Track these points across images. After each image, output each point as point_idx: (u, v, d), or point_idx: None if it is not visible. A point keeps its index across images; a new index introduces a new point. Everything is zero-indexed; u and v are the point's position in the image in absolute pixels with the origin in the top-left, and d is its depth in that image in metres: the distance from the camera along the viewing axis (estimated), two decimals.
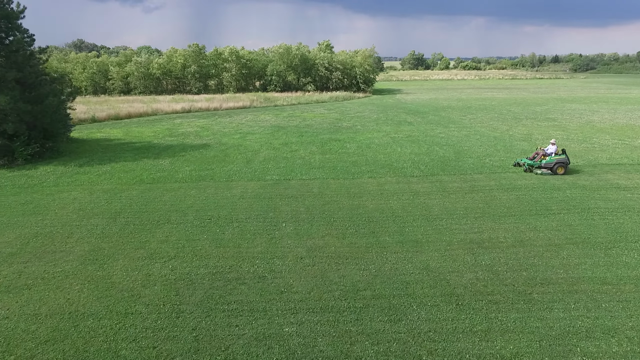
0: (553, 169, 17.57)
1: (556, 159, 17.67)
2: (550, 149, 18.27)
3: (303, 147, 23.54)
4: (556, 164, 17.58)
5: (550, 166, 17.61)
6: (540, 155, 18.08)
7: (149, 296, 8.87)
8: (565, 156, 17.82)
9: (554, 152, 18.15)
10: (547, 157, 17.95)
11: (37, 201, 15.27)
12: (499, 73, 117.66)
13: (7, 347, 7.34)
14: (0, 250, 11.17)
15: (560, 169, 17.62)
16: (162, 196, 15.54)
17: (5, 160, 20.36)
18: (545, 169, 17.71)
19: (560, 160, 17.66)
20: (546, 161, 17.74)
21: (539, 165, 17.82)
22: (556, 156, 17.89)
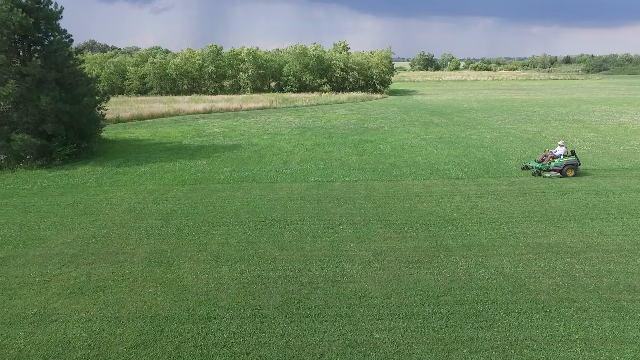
0: (562, 171, 17.17)
1: (565, 161, 17.27)
2: (559, 151, 17.78)
3: (336, 149, 23.37)
4: (566, 166, 17.16)
5: (559, 168, 17.21)
6: (549, 157, 17.59)
7: (226, 300, 8.75)
8: (575, 157, 17.41)
9: (562, 153, 17.65)
10: (556, 159, 17.51)
11: (84, 201, 15.25)
12: (512, 74, 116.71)
13: (99, 351, 7.24)
14: (63, 251, 11.14)
15: (570, 171, 17.20)
16: (208, 197, 15.45)
17: (43, 160, 20.41)
18: (554, 171, 17.25)
19: (570, 162, 17.24)
20: (555, 163, 17.34)
21: (547, 168, 17.41)
22: (565, 158, 17.43)
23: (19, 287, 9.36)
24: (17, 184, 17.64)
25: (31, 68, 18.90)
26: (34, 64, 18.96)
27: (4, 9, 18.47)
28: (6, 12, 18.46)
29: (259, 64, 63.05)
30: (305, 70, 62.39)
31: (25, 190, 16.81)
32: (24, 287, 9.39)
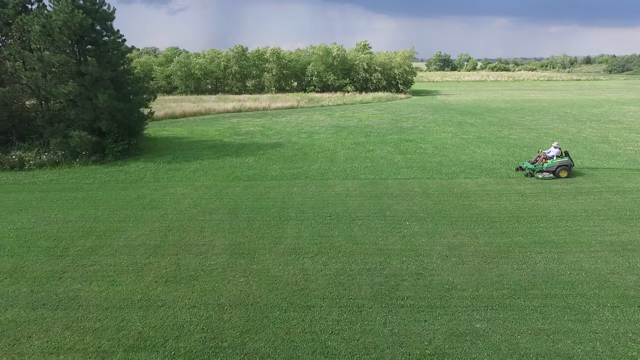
0: (555, 172, 17.26)
1: (558, 162, 17.33)
2: (552, 152, 17.86)
3: (378, 147, 23.59)
4: (558, 167, 17.24)
5: (552, 169, 17.29)
6: (542, 158, 17.70)
7: (318, 290, 9.06)
8: (568, 158, 17.47)
9: (555, 155, 17.70)
10: (549, 160, 17.55)
11: (148, 196, 15.76)
12: (532, 74, 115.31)
13: (214, 334, 7.61)
14: (145, 243, 11.60)
15: (563, 172, 17.27)
16: (267, 193, 15.83)
17: (97, 156, 21.07)
18: (547, 172, 17.34)
19: (563, 163, 17.31)
20: (548, 165, 17.43)
21: (540, 169, 17.45)
22: (558, 159, 17.48)
23: (116, 275, 9.83)
24: (77, 179, 18.29)
25: (89, 67, 19.55)
26: (92, 63, 19.63)
27: (65, 11, 19.15)
28: (68, 13, 19.15)
29: (283, 64, 63.62)
30: (329, 70, 62.73)
31: (87, 185, 17.43)
32: (121, 274, 9.85)
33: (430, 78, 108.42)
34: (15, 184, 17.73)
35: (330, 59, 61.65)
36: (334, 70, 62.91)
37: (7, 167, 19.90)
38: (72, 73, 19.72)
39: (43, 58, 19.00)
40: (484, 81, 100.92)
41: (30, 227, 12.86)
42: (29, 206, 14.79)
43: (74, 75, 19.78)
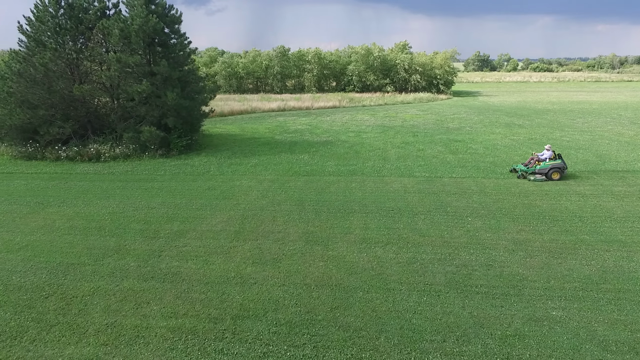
0: (548, 175, 17.26)
1: (551, 164, 17.33)
2: (544, 155, 17.89)
3: (428, 147, 23.97)
4: (551, 169, 17.24)
5: (544, 171, 17.30)
6: (535, 161, 17.75)
7: (395, 276, 9.76)
8: (561, 161, 17.45)
9: (548, 157, 17.72)
10: (542, 162, 17.56)
11: (218, 187, 16.97)
12: (578, 75, 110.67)
13: (307, 309, 8.48)
14: (225, 229, 12.69)
15: (556, 174, 17.25)
16: (328, 187, 16.67)
17: (163, 150, 22.66)
18: (540, 174, 17.33)
19: (556, 165, 17.29)
20: (540, 167, 17.46)
21: (532, 172, 17.48)
22: (551, 161, 17.47)
23: (207, 255, 10.92)
24: (150, 171, 19.84)
25: (161, 67, 21.12)
26: (163, 64, 21.17)
27: (141, 16, 20.79)
28: (143, 18, 20.78)
29: (324, 65, 64.62)
30: (369, 71, 63.14)
31: (160, 176, 18.91)
32: (211, 255, 10.93)
33: (469, 79, 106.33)
34: (96, 174, 19.48)
35: (371, 59, 62.08)
36: (374, 71, 63.28)
37: (86, 158, 21.82)
38: (144, 73, 21.37)
39: (121, 59, 20.71)
40: (527, 82, 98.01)
41: (120, 211, 14.30)
42: (114, 193, 16.34)
43: (146, 75, 21.42)
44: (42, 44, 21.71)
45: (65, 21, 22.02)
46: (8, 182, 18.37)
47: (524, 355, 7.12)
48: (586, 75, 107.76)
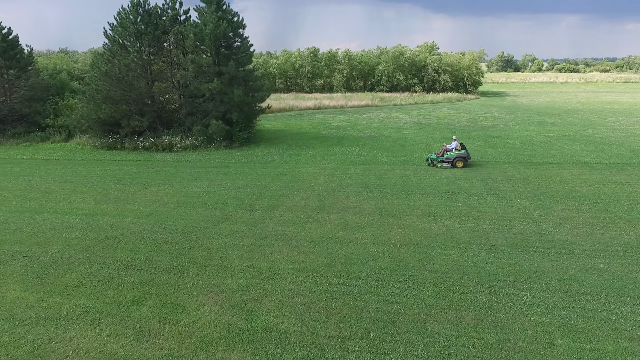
0: (453, 163, 19.74)
1: (455, 154, 19.86)
2: (451, 145, 20.38)
3: (467, 142, 25.73)
4: (455, 158, 19.78)
5: (450, 160, 19.84)
6: (444, 151, 20.25)
7: (464, 240, 11.85)
8: (465, 151, 19.93)
9: (454, 147, 20.16)
10: (449, 152, 20.00)
11: (287, 173, 19.33)
12: (606, 76, 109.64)
13: (400, 260, 10.67)
14: (307, 205, 14.96)
15: (460, 163, 19.71)
16: (385, 174, 18.84)
17: (226, 142, 25.24)
18: (446, 162, 19.86)
19: (460, 155, 19.81)
20: (447, 156, 19.99)
21: (440, 160, 19.99)
22: (456, 151, 19.94)
23: (302, 223, 13.22)
24: (220, 159, 22.38)
25: (229, 67, 23.68)
26: (231, 64, 23.73)
27: (212, 22, 23.39)
28: (214, 23, 23.37)
29: (353, 65, 66.78)
30: (398, 71, 64.99)
31: (232, 163, 21.42)
32: (306, 223, 13.23)
33: (493, 79, 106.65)
34: (174, 162, 22.13)
35: (401, 60, 63.91)
36: (404, 71, 65.09)
37: (160, 148, 24.56)
38: (214, 73, 23.95)
39: (195, 60, 23.35)
40: (553, 83, 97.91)
41: (212, 190, 16.79)
42: (199, 177, 18.88)
43: (215, 74, 24.00)
44: (124, 47, 24.58)
45: (143, 26, 24.83)
46: (103, 166, 21.20)
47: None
48: (615, 76, 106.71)
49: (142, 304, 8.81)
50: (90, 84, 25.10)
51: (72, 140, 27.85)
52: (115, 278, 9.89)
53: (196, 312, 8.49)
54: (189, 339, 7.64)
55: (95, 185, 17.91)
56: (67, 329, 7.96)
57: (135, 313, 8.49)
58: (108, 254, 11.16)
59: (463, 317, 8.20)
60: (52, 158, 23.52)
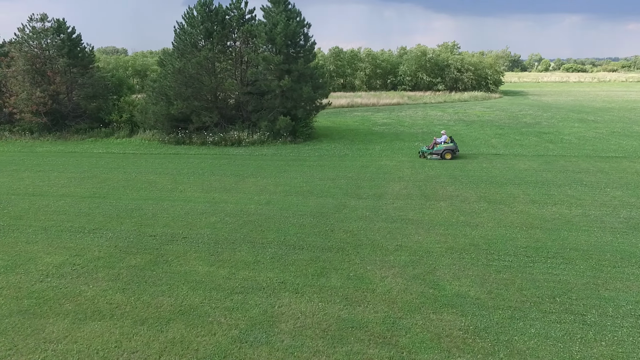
0: (442, 155, 21.07)
1: (444, 147, 21.21)
2: (441, 139, 21.72)
3: (522, 137, 26.77)
4: (444, 151, 21.13)
5: (439, 152, 21.16)
6: (433, 143, 21.59)
7: (581, 223, 12.73)
8: (453, 144, 21.28)
9: (444, 140, 21.52)
10: (439, 145, 21.37)
11: (369, 165, 20.18)
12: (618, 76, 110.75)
13: (534, 240, 11.57)
14: (411, 193, 15.84)
15: (448, 155, 21.04)
16: (464, 167, 19.72)
17: (291, 138, 26.14)
18: (436, 154, 21.16)
19: (448, 148, 21.15)
20: (436, 148, 21.30)
21: (431, 152, 21.27)
22: (445, 144, 21.30)
23: (419, 209, 14.07)
24: (294, 153, 23.24)
25: (298, 65, 24.57)
26: (300, 62, 24.62)
27: (283, 21, 24.27)
28: (284, 22, 24.25)
29: (377, 64, 67.74)
30: (420, 70, 65.95)
31: (308, 157, 22.29)
32: (422, 209, 14.09)
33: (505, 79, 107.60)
34: (250, 155, 23.01)
35: (424, 60, 64.85)
36: (426, 70, 66.04)
37: (229, 143, 25.45)
38: (283, 70, 24.83)
39: (266, 58, 24.24)
40: (566, 82, 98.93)
41: (309, 181, 17.66)
42: (286, 169, 19.75)
43: (284, 72, 24.88)
44: (195, 45, 25.44)
45: (212, 26, 25.69)
46: (185, 159, 22.09)
47: None
48: (627, 76, 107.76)
49: (327, 276, 9.70)
50: (159, 81, 25.99)
51: (135, 136, 28.81)
52: (283, 256, 10.77)
53: (383, 283, 9.39)
54: (395, 304, 8.53)
55: (192, 176, 18.77)
56: (280, 296, 8.85)
57: (328, 284, 9.37)
58: (259, 236, 12.03)
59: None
60: (129, 152, 24.40)
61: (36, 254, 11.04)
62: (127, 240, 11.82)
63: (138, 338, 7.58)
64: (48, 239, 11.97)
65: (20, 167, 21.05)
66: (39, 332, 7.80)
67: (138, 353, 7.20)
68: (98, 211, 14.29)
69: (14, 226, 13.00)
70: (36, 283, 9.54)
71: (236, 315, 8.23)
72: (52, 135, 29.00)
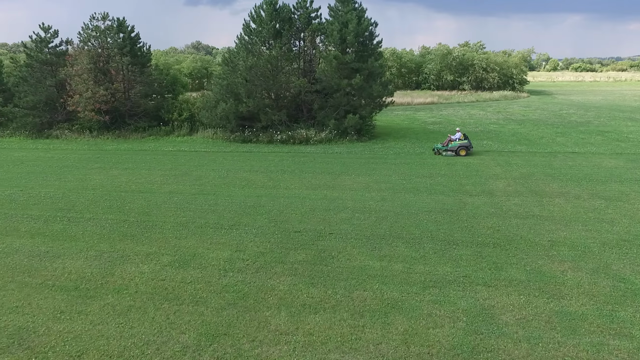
0: (457, 152, 21.51)
1: (459, 144, 21.66)
2: (456, 136, 22.14)
3: (586, 136, 26.89)
4: (459, 147, 21.57)
5: (454, 149, 21.60)
6: (448, 140, 22.08)
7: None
8: (467, 141, 21.78)
9: (458, 137, 21.93)
10: (453, 142, 21.78)
11: (454, 163, 20.26)
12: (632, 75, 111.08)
13: None
14: (519, 190, 15.96)
15: (463, 151, 21.54)
16: (550, 164, 19.85)
17: (356, 136, 26.24)
18: (450, 151, 21.60)
19: (463, 145, 21.63)
20: (451, 145, 21.73)
21: (445, 149, 21.73)
22: (459, 141, 21.73)
23: (539, 205, 14.19)
24: (369, 152, 23.35)
25: (369, 64, 24.71)
26: (371, 60, 24.75)
27: (353, 20, 24.38)
28: (356, 21, 24.37)
29: (402, 63, 67.90)
30: (446, 69, 66.11)
31: (385, 156, 22.37)
32: (546, 205, 14.21)
33: None
34: (325, 153, 23.11)
35: (449, 59, 65.00)
36: (450, 69, 66.19)
37: (297, 141, 25.56)
38: (354, 69, 24.94)
39: (338, 57, 24.34)
40: (582, 82, 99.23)
41: (407, 178, 17.75)
42: (372, 168, 19.85)
43: (355, 70, 24.99)
44: (264, 43, 25.54)
45: (281, 25, 25.80)
46: (262, 158, 22.21)
47: None
48: None
49: (506, 270, 9.77)
50: (227, 78, 26.07)
51: (195, 134, 28.91)
52: (445, 251, 10.84)
53: (566, 276, 9.48)
54: (595, 297, 8.63)
55: (284, 173, 18.86)
56: (476, 290, 8.97)
57: (513, 277, 9.45)
58: (403, 231, 12.12)
59: None
60: (200, 150, 24.51)
61: (195, 249, 11.15)
62: (274, 236, 11.92)
63: (371, 329, 7.70)
64: (195, 235, 12.07)
65: (102, 165, 21.14)
66: (266, 324, 7.91)
67: (382, 345, 7.32)
68: (220, 208, 14.37)
69: (150, 222, 13.09)
70: (221, 278, 9.64)
71: (448, 307, 8.35)
72: (111, 133, 29.11)
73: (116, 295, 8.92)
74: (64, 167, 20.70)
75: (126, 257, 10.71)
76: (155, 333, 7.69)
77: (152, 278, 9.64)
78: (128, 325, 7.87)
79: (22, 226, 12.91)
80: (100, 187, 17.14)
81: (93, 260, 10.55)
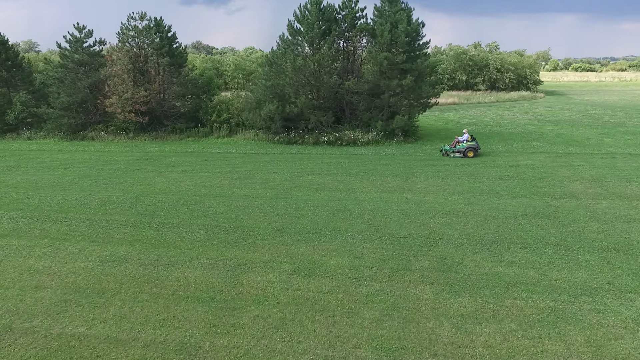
0: (464, 153, 21.64)
1: (467, 145, 21.82)
2: (463, 137, 22.30)
3: (632, 137, 26.82)
4: (467, 149, 21.73)
5: (462, 151, 21.76)
6: (456, 142, 22.19)
7: None
8: (475, 142, 21.98)
9: (465, 139, 22.15)
10: (461, 143, 21.97)
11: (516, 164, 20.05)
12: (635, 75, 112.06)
13: None
14: (598, 192, 15.77)
15: (470, 153, 21.71)
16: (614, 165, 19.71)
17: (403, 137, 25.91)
18: (459, 153, 21.76)
19: (471, 146, 21.80)
20: (459, 147, 21.91)
21: (453, 151, 21.87)
22: (467, 143, 21.90)
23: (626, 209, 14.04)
24: (421, 154, 23.08)
25: (418, 64, 24.44)
26: (421, 60, 24.48)
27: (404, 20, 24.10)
28: (405, 21, 24.09)
29: None
30: (460, 69, 66.07)
31: (439, 157, 22.11)
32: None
33: None
34: (378, 155, 22.80)
35: (464, 59, 64.98)
36: (464, 70, 66.18)
37: (344, 143, 25.22)
38: (404, 70, 24.65)
39: (389, 57, 24.04)
40: (587, 82, 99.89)
41: (477, 181, 17.47)
42: (437, 170, 19.54)
43: (405, 71, 24.70)
44: (311, 44, 25.17)
45: (328, 25, 25.43)
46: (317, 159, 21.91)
47: None
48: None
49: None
50: (272, 79, 25.66)
51: (235, 136, 28.47)
52: (570, 257, 10.56)
53: None
54: None
55: (350, 176, 18.48)
56: (630, 298, 8.72)
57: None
58: (513, 236, 11.82)
59: None
60: (249, 152, 24.09)
61: (311, 256, 10.79)
62: (383, 242, 11.56)
63: (549, 341, 7.40)
64: (300, 241, 11.69)
65: (156, 167, 20.66)
66: (437, 336, 7.59)
67: (572, 359, 7.03)
68: (308, 212, 13.98)
69: (244, 228, 12.68)
70: (357, 287, 9.30)
71: (614, 317, 8.06)
72: (147, 134, 28.59)
73: (260, 307, 8.54)
74: (118, 170, 20.19)
75: (244, 266, 10.32)
76: (326, 347, 7.34)
77: (286, 288, 9.27)
78: (294, 340, 7.51)
79: (114, 232, 12.47)
80: (169, 191, 16.69)
81: (211, 269, 10.16)
